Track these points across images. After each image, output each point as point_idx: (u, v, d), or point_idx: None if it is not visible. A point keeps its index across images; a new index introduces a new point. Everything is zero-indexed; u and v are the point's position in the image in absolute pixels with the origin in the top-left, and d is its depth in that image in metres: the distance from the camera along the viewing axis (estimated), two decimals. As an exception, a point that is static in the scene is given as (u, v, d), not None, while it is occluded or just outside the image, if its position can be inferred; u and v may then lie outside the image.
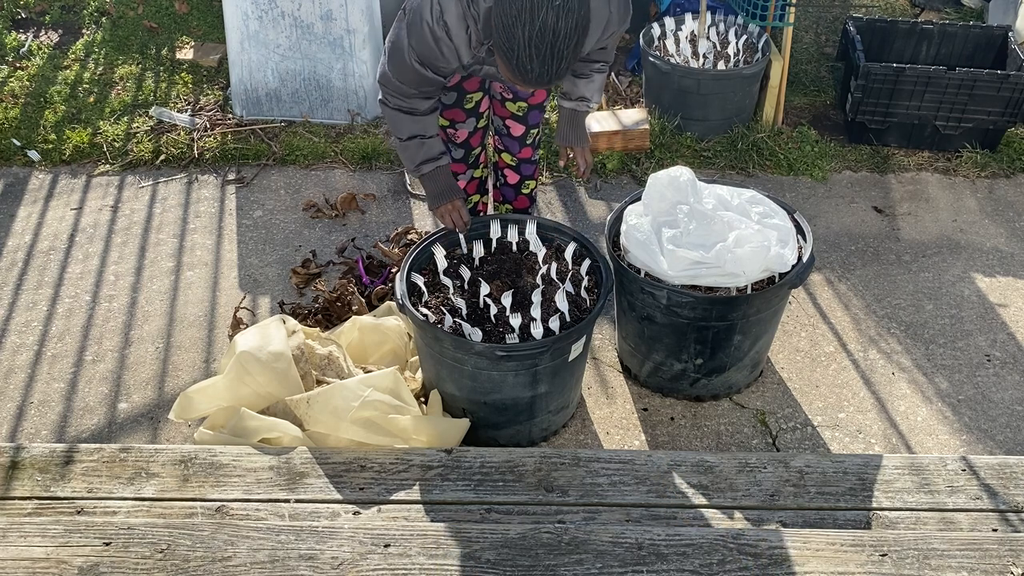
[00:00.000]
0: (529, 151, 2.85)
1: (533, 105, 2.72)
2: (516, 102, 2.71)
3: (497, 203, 3.06)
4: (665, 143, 3.88)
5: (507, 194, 2.98)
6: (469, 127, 2.75)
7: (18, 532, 1.90)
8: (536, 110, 2.74)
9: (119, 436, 2.67)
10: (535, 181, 2.97)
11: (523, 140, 2.81)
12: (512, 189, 2.95)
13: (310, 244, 3.39)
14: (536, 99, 2.71)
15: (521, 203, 2.99)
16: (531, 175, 2.93)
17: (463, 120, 2.72)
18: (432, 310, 2.45)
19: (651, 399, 2.81)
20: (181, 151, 3.83)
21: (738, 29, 3.99)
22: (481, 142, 2.84)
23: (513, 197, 2.98)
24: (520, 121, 2.76)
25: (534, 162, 2.90)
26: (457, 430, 2.49)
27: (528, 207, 3.01)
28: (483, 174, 2.98)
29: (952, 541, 1.91)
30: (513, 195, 2.97)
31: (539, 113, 2.76)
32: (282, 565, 1.82)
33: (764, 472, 2.23)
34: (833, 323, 3.11)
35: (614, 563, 1.84)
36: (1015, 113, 3.77)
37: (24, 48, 4.50)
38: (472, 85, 2.63)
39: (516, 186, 2.93)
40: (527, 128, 2.78)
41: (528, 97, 2.69)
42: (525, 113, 2.74)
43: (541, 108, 2.75)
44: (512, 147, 2.83)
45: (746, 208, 2.64)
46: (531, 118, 2.76)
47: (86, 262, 3.31)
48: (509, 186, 2.94)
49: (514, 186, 2.93)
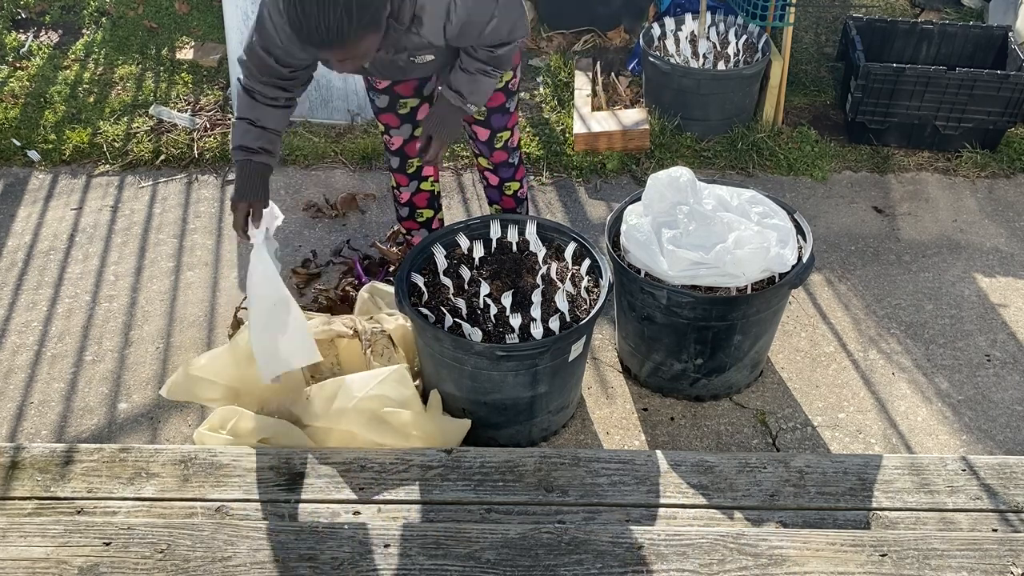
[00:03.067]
0: (503, 154, 2.81)
1: (492, 108, 2.67)
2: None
3: (491, 205, 3.05)
4: (665, 143, 3.88)
5: (492, 196, 2.98)
6: (404, 134, 2.71)
7: (18, 532, 1.90)
8: (498, 113, 2.68)
9: (119, 436, 2.67)
10: (518, 183, 2.93)
11: (491, 144, 2.77)
12: (496, 191, 2.94)
13: (310, 244, 3.40)
14: (493, 102, 2.65)
15: (507, 203, 2.97)
16: (511, 177, 2.90)
17: (397, 126, 2.69)
18: (432, 310, 2.45)
19: (651, 399, 2.81)
20: (181, 151, 3.83)
21: (738, 29, 3.99)
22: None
23: (498, 199, 2.97)
24: (483, 125, 2.71)
25: (512, 165, 2.86)
26: (458, 430, 2.49)
27: (515, 208, 2.99)
28: (434, 188, 2.94)
29: (952, 541, 1.91)
30: (498, 196, 2.96)
31: (502, 116, 2.69)
32: (282, 565, 1.82)
33: (764, 472, 2.23)
34: (833, 323, 3.11)
35: (614, 563, 1.84)
36: (1015, 113, 3.77)
37: (24, 48, 4.50)
38: (406, 90, 2.60)
39: (498, 187, 2.93)
40: (492, 132, 2.73)
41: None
42: (486, 116, 2.69)
43: (504, 111, 2.68)
44: (484, 151, 2.81)
45: (746, 208, 2.64)
46: (494, 121, 2.70)
47: (86, 262, 3.31)
48: (492, 187, 2.94)
49: (496, 187, 2.93)
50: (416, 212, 2.97)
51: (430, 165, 2.48)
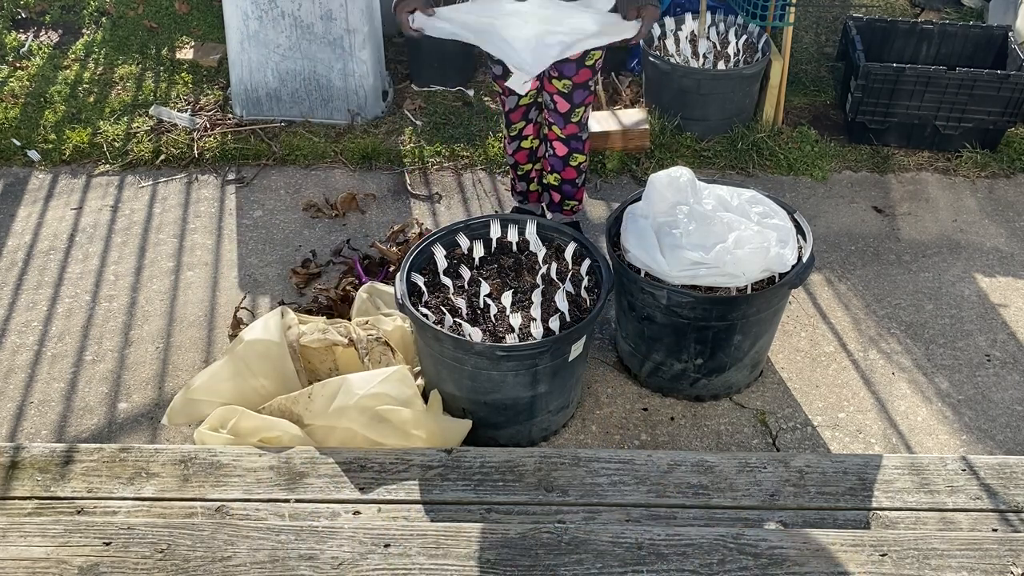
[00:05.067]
0: (575, 128, 3.00)
1: (578, 84, 2.86)
2: (561, 80, 2.86)
3: (546, 172, 3.21)
4: (665, 143, 3.88)
5: (555, 165, 3.14)
6: (511, 103, 3.04)
7: (18, 532, 1.90)
8: (581, 88, 2.88)
9: (119, 436, 2.67)
10: (583, 156, 3.11)
11: (568, 117, 2.96)
12: (560, 161, 3.11)
13: (310, 244, 3.40)
14: (580, 78, 2.85)
15: (568, 174, 3.14)
16: (579, 150, 3.08)
17: (507, 94, 3.01)
18: (432, 310, 2.45)
19: (651, 399, 2.81)
20: (181, 151, 3.83)
21: (738, 29, 3.99)
22: (524, 118, 3.08)
23: (561, 168, 3.13)
24: (566, 99, 2.91)
25: (581, 139, 3.05)
26: (458, 430, 2.49)
27: (575, 178, 3.16)
28: (532, 144, 3.20)
29: (952, 541, 1.91)
30: (561, 166, 3.13)
31: (583, 92, 2.90)
32: (282, 565, 1.82)
33: (764, 472, 2.22)
34: (833, 323, 3.11)
35: (614, 563, 1.84)
36: (1015, 113, 3.77)
37: (24, 48, 4.50)
38: None
39: (564, 158, 3.09)
40: (572, 106, 2.93)
41: (572, 76, 2.84)
42: (570, 90, 2.88)
43: (586, 87, 2.89)
44: (559, 122, 2.99)
45: (746, 208, 2.64)
46: (576, 96, 2.91)
47: (86, 262, 3.31)
48: (558, 157, 3.10)
49: (562, 158, 3.09)
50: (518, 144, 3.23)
51: (638, 40, 2.68)
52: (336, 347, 2.59)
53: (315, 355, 2.62)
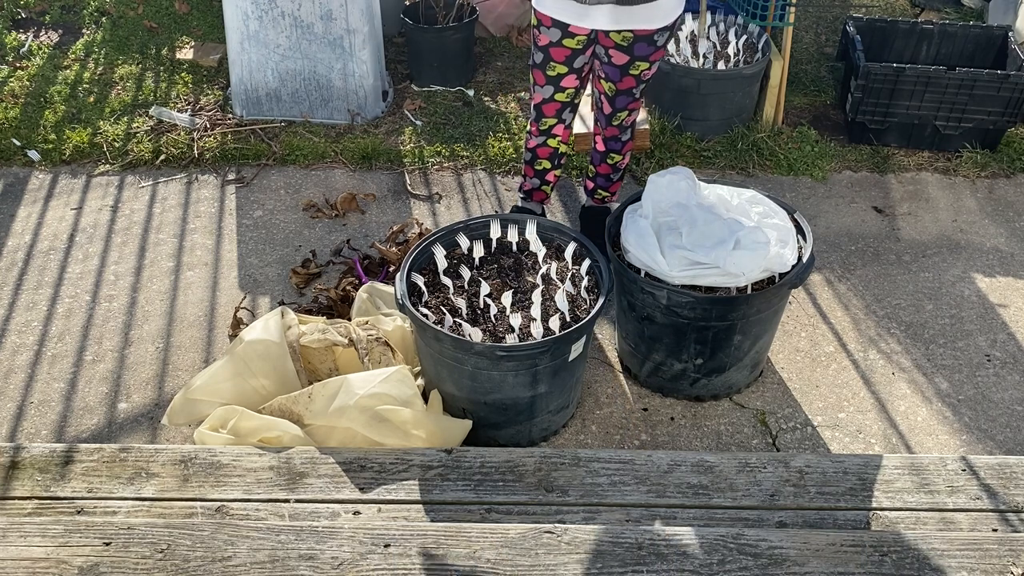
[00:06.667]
0: (615, 131, 3.02)
1: (621, 90, 2.87)
2: (607, 82, 2.87)
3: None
4: (665, 143, 3.88)
5: (593, 157, 3.19)
6: (545, 94, 2.91)
7: (18, 532, 1.90)
8: (623, 95, 2.88)
9: (119, 436, 2.67)
10: (621, 156, 3.12)
11: (610, 119, 2.99)
12: (599, 155, 3.15)
13: (310, 244, 3.40)
14: (624, 84, 2.85)
15: (603, 169, 3.18)
16: (617, 150, 3.11)
17: (542, 84, 2.89)
18: (432, 310, 2.45)
19: (651, 399, 2.81)
20: (181, 151, 3.83)
21: (738, 29, 3.99)
22: (556, 116, 2.97)
23: (598, 163, 3.18)
24: (609, 101, 2.93)
25: (621, 140, 3.07)
26: (458, 430, 2.49)
27: (610, 174, 3.19)
28: (558, 147, 3.11)
29: (952, 541, 1.91)
30: (599, 160, 3.17)
31: (626, 98, 2.89)
32: (282, 565, 1.82)
33: (764, 472, 2.23)
34: (833, 323, 3.11)
35: (614, 563, 1.84)
36: (1015, 113, 3.77)
37: (24, 48, 4.50)
38: (558, 55, 2.77)
39: (602, 154, 3.14)
40: (614, 110, 2.94)
41: (617, 81, 2.84)
42: (613, 95, 2.89)
43: (630, 94, 2.88)
44: (601, 120, 3.03)
45: (746, 208, 2.64)
46: (618, 102, 2.91)
47: (86, 262, 3.31)
48: (596, 151, 3.15)
49: (601, 153, 3.14)
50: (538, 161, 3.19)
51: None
52: (336, 347, 2.59)
53: (315, 355, 2.62)
